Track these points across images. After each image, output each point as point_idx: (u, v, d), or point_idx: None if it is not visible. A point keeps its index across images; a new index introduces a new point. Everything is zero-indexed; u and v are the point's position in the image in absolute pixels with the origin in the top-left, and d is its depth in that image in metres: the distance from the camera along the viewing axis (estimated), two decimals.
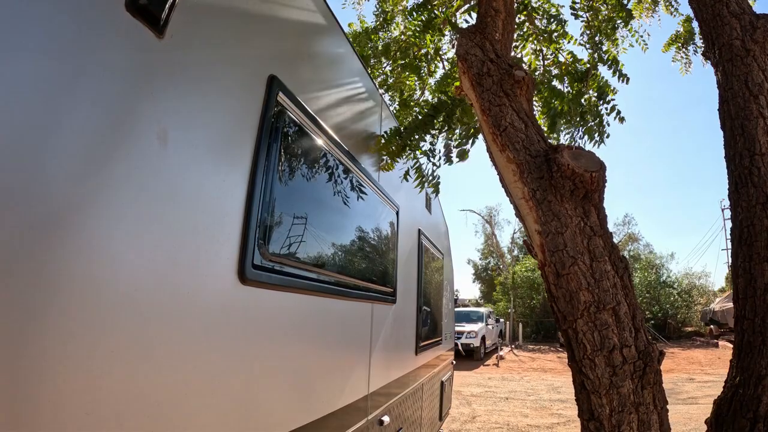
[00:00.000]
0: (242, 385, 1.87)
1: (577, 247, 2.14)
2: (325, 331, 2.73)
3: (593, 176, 2.14)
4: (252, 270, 1.89)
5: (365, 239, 3.46)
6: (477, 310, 24.96)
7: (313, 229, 2.54)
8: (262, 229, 1.98)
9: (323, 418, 2.56)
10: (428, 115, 4.20)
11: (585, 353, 2.11)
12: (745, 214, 2.70)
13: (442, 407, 6.83)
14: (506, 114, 2.50)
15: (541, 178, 2.26)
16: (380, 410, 3.68)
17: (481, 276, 48.79)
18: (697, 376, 15.19)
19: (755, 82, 2.85)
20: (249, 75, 2.00)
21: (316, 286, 2.55)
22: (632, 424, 2.06)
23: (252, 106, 1.99)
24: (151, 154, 1.41)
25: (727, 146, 2.93)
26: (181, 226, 1.54)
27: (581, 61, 4.88)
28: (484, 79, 2.65)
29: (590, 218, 2.20)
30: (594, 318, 2.08)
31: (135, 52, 1.38)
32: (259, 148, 2.00)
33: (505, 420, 9.58)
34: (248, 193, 1.91)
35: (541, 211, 2.22)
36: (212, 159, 1.72)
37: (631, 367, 2.07)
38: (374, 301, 3.60)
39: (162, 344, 1.44)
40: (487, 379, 15.81)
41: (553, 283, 2.19)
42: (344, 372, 3.01)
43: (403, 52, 6.14)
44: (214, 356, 1.69)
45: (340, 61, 3.15)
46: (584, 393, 2.17)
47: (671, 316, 30.43)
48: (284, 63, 2.30)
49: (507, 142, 2.41)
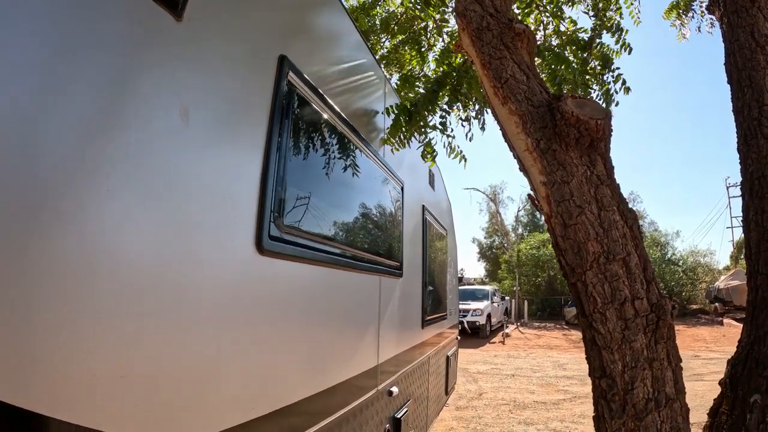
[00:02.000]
0: (260, 350, 1.96)
1: (583, 196, 2.04)
2: (336, 302, 2.80)
3: (598, 124, 2.04)
4: (269, 241, 1.97)
5: (372, 213, 3.55)
6: (482, 288, 24.96)
7: (324, 203, 2.65)
8: (277, 203, 2.06)
9: (335, 387, 2.63)
10: (432, 90, 4.12)
11: (595, 306, 2.02)
12: (756, 165, 2.61)
13: (447, 382, 6.95)
14: (507, 66, 2.39)
15: (545, 127, 2.16)
16: (389, 381, 3.77)
17: (486, 254, 48.71)
18: (702, 354, 15.16)
19: (761, 32, 2.75)
20: (261, 55, 2.07)
21: (328, 258, 2.62)
22: (646, 380, 1.98)
23: (264, 86, 2.06)
24: (174, 132, 1.49)
25: (735, 99, 2.84)
26: (203, 201, 1.62)
27: (583, 29, 4.78)
28: (484, 33, 2.55)
29: (596, 167, 2.11)
30: (604, 269, 2.00)
31: (156, 35, 1.44)
32: (272, 126, 2.07)
33: (512, 397, 9.58)
34: (263, 167, 1.99)
35: (546, 161, 2.12)
36: (229, 136, 1.81)
37: (644, 320, 1.99)
38: (382, 274, 3.67)
39: (189, 311, 1.53)
40: (493, 356, 15.85)
41: (560, 234, 2.11)
42: (354, 342, 3.08)
43: (401, 27, 6.04)
44: (235, 323, 1.78)
45: (344, 39, 3.19)
46: (595, 349, 2.08)
47: (676, 293, 30.35)
48: (293, 42, 2.36)
49: (509, 94, 2.31)
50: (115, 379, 1.24)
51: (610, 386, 2.02)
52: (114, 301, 1.24)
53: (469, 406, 8.84)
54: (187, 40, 1.57)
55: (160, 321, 1.40)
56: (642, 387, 1.97)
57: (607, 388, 2.04)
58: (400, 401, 4.11)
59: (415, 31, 5.91)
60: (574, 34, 4.82)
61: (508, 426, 7.48)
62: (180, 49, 1.54)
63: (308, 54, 2.54)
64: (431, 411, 5.69)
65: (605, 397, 2.06)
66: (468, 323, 20.52)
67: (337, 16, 3.07)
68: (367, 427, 3.17)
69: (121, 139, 1.29)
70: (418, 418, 4.84)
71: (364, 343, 3.24)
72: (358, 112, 3.34)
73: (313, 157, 2.54)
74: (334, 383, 2.62)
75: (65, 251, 1.12)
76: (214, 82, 1.72)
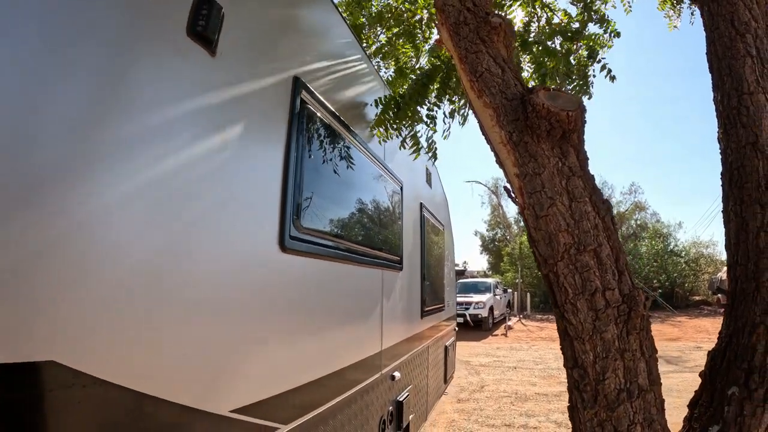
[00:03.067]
0: (283, 334, 2.36)
1: (555, 188, 2.05)
2: (345, 293, 3.22)
3: (570, 115, 2.05)
4: (290, 240, 2.36)
5: (376, 212, 3.97)
6: (485, 281, 24.88)
7: (333, 204, 3.06)
8: (295, 206, 2.44)
9: (343, 369, 3.02)
10: (422, 84, 4.12)
11: (566, 297, 2.03)
12: (735, 155, 2.60)
13: (446, 371, 7.40)
14: (482, 60, 2.40)
15: (517, 120, 2.17)
16: (392, 366, 4.21)
17: (489, 247, 48.59)
18: (705, 345, 15.12)
19: (741, 20, 2.73)
20: (279, 77, 2.44)
21: (338, 254, 3.03)
22: (618, 371, 2.00)
23: (282, 104, 2.45)
24: (214, 149, 1.86)
25: (715, 88, 2.82)
26: (236, 207, 1.99)
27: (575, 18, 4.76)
28: (461, 27, 2.56)
29: (569, 159, 2.11)
30: (574, 260, 2.01)
31: (196, 68, 1.79)
32: (290, 139, 2.45)
33: (514, 389, 9.60)
34: (283, 177, 2.38)
35: (518, 153, 2.13)
36: (255, 151, 2.17)
37: (615, 311, 2.00)
38: (384, 267, 4.10)
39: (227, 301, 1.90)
40: (495, 349, 15.83)
41: (532, 226, 2.12)
42: (361, 329, 3.50)
43: (396, 20, 6.03)
44: (261, 313, 2.16)
45: (346, 54, 3.50)
46: (567, 340, 2.10)
47: (679, 285, 30.29)
48: (303, 64, 2.72)
49: (483, 87, 2.31)
50: (180, 356, 1.64)
51: (582, 376, 2.04)
52: (195, 295, 1.71)
53: (470, 398, 8.87)
54: (220, 70, 1.93)
55: (211, 306, 1.81)
56: (613, 377, 1.99)
57: (579, 378, 2.06)
58: (402, 386, 4.54)
59: (410, 24, 5.90)
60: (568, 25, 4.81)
61: (509, 418, 7.51)
62: (215, 78, 1.90)
63: (317, 73, 2.88)
64: (431, 398, 6.13)
65: (578, 387, 2.08)
66: (470, 316, 20.47)
67: (340, 32, 3.41)
68: (373, 408, 3.61)
69: (174, 159, 1.64)
70: (418, 403, 5.28)
71: (369, 331, 3.64)
72: (361, 121, 3.72)
73: (323, 164, 2.91)
74: (343, 366, 3.03)
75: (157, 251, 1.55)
76: (241, 104, 2.08)
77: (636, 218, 41.04)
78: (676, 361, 12.35)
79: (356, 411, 3.21)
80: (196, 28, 1.76)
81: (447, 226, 8.12)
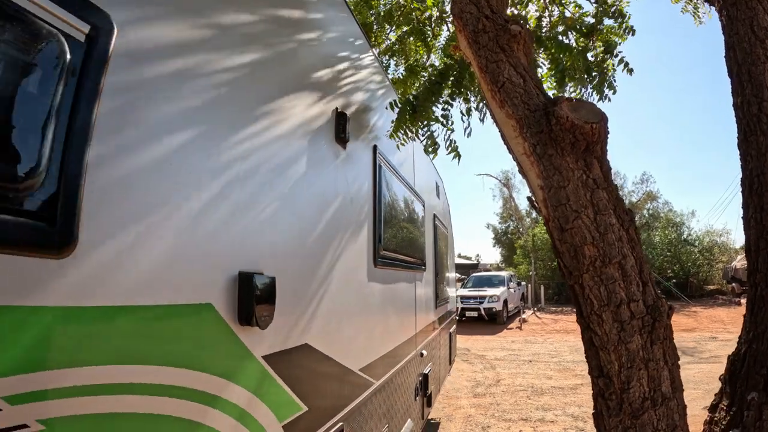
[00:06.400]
0: (374, 321, 3.41)
1: (580, 201, 2.07)
2: (400, 290, 4.37)
3: (594, 128, 2.07)
4: (378, 259, 3.45)
5: (413, 227, 5.07)
6: (498, 274, 24.85)
7: (394, 229, 4.11)
8: (379, 237, 3.49)
9: (400, 345, 4.16)
10: (435, 83, 4.12)
11: (592, 309, 2.06)
12: (755, 163, 2.59)
13: (451, 353, 8.30)
14: (503, 70, 2.41)
15: (541, 132, 2.18)
16: (421, 345, 5.27)
17: (501, 240, 48.50)
18: (720, 335, 15.03)
19: (761, 25, 2.70)
20: (368, 149, 3.51)
21: (397, 263, 4.14)
22: (642, 380, 2.03)
23: (369, 167, 3.48)
24: (346, 205, 2.86)
25: (735, 94, 2.80)
26: (357, 242, 3.05)
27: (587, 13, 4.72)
28: (480, 36, 2.56)
29: (593, 171, 2.13)
30: (600, 272, 2.03)
31: (334, 160, 2.73)
32: (374, 191, 3.50)
33: (530, 382, 9.63)
34: (374, 218, 3.44)
35: (542, 165, 2.15)
36: (362, 202, 3.22)
37: (640, 322, 2.03)
38: (417, 270, 5.18)
39: (351, 304, 2.89)
40: (510, 342, 15.83)
41: (557, 238, 2.14)
42: (407, 316, 4.63)
43: (406, 17, 6.02)
44: (366, 306, 3.25)
45: (381, 91, 4.19)
46: (593, 349, 2.13)
47: (693, 274, 30.02)
48: (377, 139, 3.73)
49: (505, 98, 2.33)
50: (347, 339, 2.81)
51: (607, 385, 2.07)
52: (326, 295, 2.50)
53: (487, 393, 8.92)
54: (348, 155, 2.94)
55: (344, 305, 2.75)
56: (638, 386, 2.02)
57: (604, 386, 2.09)
58: (427, 361, 5.60)
59: (419, 21, 5.89)
60: (580, 18, 4.77)
61: (526, 412, 7.56)
62: (345, 160, 2.89)
63: (381, 141, 3.87)
64: (442, 375, 7.27)
65: (603, 395, 2.11)
66: (485, 310, 20.40)
67: (378, 74, 4.13)
68: (411, 377, 4.66)
69: (337, 215, 2.69)
70: (436, 376, 6.44)
71: (409, 317, 4.74)
72: (396, 157, 4.52)
73: (388, 204, 3.89)
74: (399, 343, 4.15)
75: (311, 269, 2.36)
76: (355, 171, 3.11)
77: (648, 208, 40.70)
78: (692, 352, 12.29)
79: (405, 377, 4.34)
80: (339, 135, 2.78)
81: (449, 229, 9.15)
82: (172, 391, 1.33)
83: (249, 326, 1.68)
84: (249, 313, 1.65)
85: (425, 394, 5.31)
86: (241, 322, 1.65)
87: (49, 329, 1.00)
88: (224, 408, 1.54)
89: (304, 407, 2.09)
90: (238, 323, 1.64)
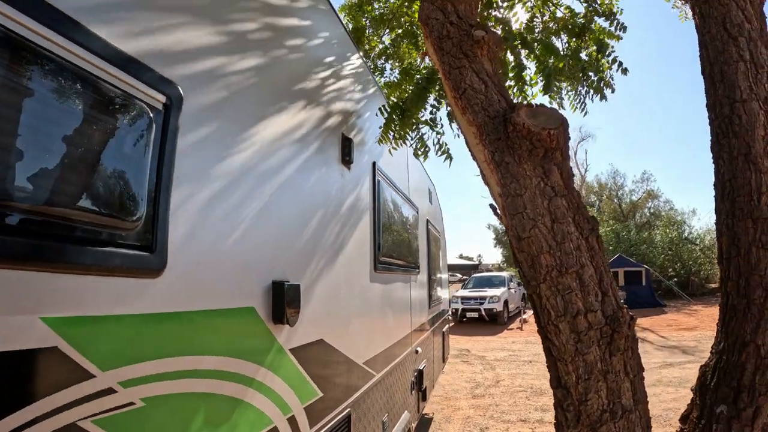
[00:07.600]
0: (374, 320, 3.83)
1: (537, 209, 2.04)
2: (396, 291, 4.74)
3: (551, 134, 2.03)
4: (378, 264, 3.86)
5: (409, 233, 5.52)
6: (499, 275, 24.73)
7: (391, 236, 4.52)
8: (378, 245, 3.88)
9: (396, 342, 4.53)
10: (422, 88, 4.10)
11: (549, 319, 2.03)
12: (727, 167, 2.52)
13: (444, 351, 8.68)
14: (466, 76, 2.37)
15: (499, 139, 2.15)
16: (416, 343, 5.72)
17: (503, 240, 48.45)
18: None
19: (734, 23, 2.61)
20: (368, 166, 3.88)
21: (394, 268, 4.57)
22: (600, 392, 1.99)
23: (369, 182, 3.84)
24: (350, 218, 3.24)
25: (708, 94, 2.70)
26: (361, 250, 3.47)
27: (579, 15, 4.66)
28: (445, 42, 2.52)
29: (551, 178, 2.09)
30: (556, 282, 2.00)
31: (341, 179, 3.10)
32: (373, 204, 3.87)
33: (529, 383, 9.59)
34: (373, 228, 3.80)
35: (501, 173, 2.11)
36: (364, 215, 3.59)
37: (598, 333, 1.99)
38: (411, 272, 5.60)
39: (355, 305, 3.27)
40: (510, 343, 15.70)
41: (516, 247, 2.11)
42: (402, 315, 4.99)
43: (398, 21, 5.98)
44: (368, 307, 3.63)
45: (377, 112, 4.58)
46: (551, 360, 2.10)
47: (694, 272, 29.77)
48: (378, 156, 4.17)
49: (467, 105, 2.30)
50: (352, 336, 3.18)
51: (565, 396, 2.04)
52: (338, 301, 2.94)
53: (486, 394, 8.89)
54: (350, 175, 3.31)
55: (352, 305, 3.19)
56: (596, 398, 1.98)
57: (562, 398, 2.06)
58: (422, 358, 6.04)
59: (411, 24, 5.86)
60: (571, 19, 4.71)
61: (524, 413, 7.54)
62: (348, 179, 3.23)
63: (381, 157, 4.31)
64: (436, 371, 7.61)
65: (561, 406, 2.08)
66: (485, 310, 20.32)
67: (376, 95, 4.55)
68: (407, 373, 5.07)
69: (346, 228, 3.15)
70: (430, 373, 6.79)
71: (405, 316, 5.11)
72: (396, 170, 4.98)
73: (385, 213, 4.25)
74: (396, 340, 4.53)
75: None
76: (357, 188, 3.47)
77: (649, 206, 40.56)
78: (693, 351, 12.13)
79: (401, 372, 4.72)
80: (345, 158, 3.17)
81: (442, 233, 9.60)
82: (227, 376, 1.73)
83: (281, 324, 2.09)
84: (281, 314, 2.07)
85: (420, 388, 5.78)
86: (275, 321, 2.07)
87: (148, 330, 1.37)
88: (261, 389, 1.94)
89: (319, 393, 2.48)
90: (272, 322, 2.06)
